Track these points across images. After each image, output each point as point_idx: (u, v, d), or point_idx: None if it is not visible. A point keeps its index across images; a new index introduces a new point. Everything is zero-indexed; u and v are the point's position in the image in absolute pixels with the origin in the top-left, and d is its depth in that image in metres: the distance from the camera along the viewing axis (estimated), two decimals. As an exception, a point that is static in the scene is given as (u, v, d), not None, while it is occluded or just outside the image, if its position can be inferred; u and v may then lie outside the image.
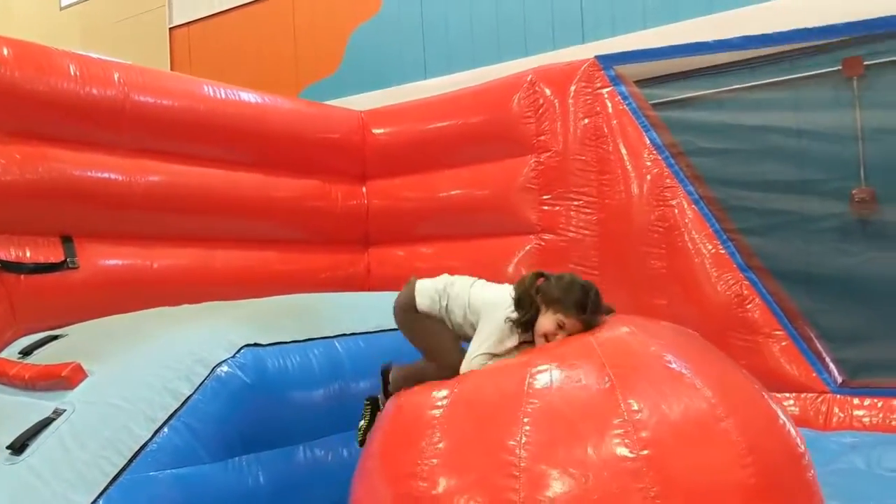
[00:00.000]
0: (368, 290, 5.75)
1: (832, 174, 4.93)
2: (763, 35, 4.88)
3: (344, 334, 3.48)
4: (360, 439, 2.84)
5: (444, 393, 2.39)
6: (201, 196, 4.94)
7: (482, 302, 2.64)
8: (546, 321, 2.53)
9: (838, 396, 4.36)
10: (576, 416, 2.15)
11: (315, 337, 3.33)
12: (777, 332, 4.52)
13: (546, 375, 2.27)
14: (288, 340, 3.20)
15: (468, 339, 2.68)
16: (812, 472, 2.34)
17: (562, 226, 5.17)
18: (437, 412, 2.32)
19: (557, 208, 5.20)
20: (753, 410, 2.30)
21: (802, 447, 2.34)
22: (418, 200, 5.84)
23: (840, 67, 5.03)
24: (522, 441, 2.11)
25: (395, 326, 3.65)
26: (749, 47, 4.96)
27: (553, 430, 2.12)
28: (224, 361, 2.92)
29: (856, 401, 4.31)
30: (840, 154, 4.93)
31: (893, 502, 3.11)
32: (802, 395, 4.45)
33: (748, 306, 4.60)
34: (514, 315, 2.55)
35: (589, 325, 2.54)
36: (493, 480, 2.08)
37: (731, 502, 2.02)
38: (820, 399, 4.39)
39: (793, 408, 4.46)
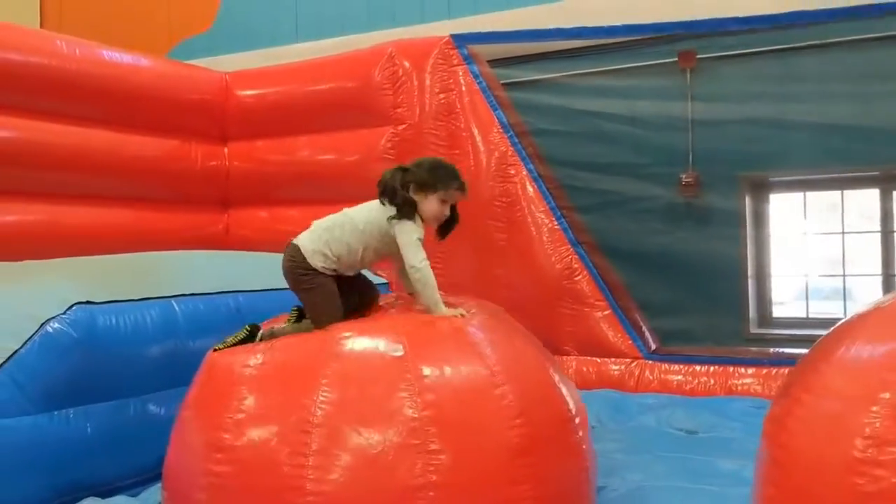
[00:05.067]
0: (226, 250, 5.85)
1: (662, 158, 5.39)
2: (605, 27, 5.24)
3: (182, 294, 3.61)
4: (217, 347, 2.80)
5: (258, 356, 2.59)
6: (52, 152, 4.91)
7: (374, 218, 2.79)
8: (429, 203, 2.77)
9: (649, 362, 4.83)
10: (369, 379, 2.41)
11: (151, 297, 3.46)
12: (600, 302, 4.96)
13: (348, 343, 2.52)
14: (123, 299, 3.32)
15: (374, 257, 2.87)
16: (580, 433, 2.68)
17: (414, 196, 5.41)
18: (248, 371, 2.54)
19: (411, 179, 5.43)
20: (531, 378, 2.62)
21: (573, 411, 2.68)
22: (280, 164, 5.93)
23: (676, 59, 5.47)
24: (319, 400, 2.36)
25: (235, 289, 3.87)
26: (591, 37, 5.31)
27: (347, 390, 2.38)
28: (54, 318, 3.03)
29: (665, 366, 4.79)
30: (671, 140, 5.39)
31: (667, 455, 3.54)
32: (620, 360, 4.91)
33: (577, 278, 5.01)
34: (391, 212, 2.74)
35: (462, 191, 2.82)
36: (290, 435, 2.33)
37: (499, 458, 2.34)
38: (634, 364, 4.86)
39: (614, 371, 4.93)
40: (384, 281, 4.33)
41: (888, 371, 1.93)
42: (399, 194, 2.74)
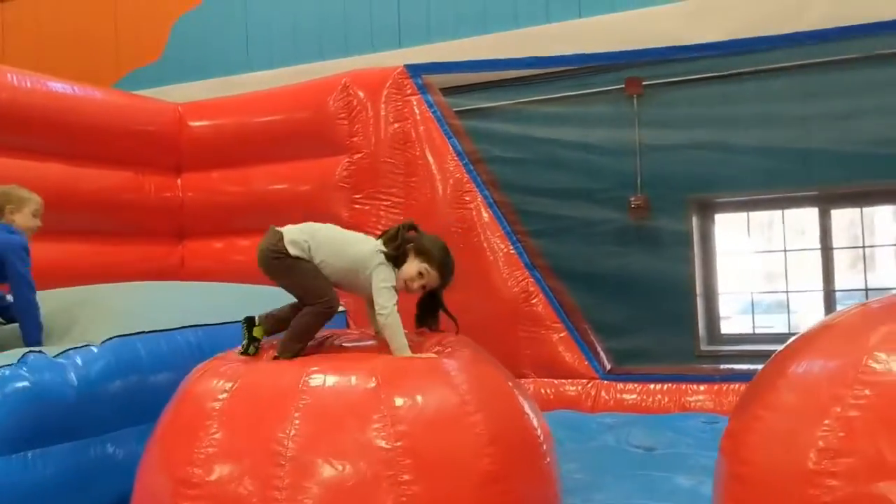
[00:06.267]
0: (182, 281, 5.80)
1: (612, 183, 5.54)
2: (555, 56, 5.38)
3: (143, 332, 3.57)
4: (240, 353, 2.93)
5: (226, 386, 2.59)
6: (2, 187, 4.83)
7: (364, 254, 2.89)
8: (411, 266, 2.87)
9: (605, 382, 4.94)
10: (342, 412, 2.43)
11: (112, 336, 3.40)
12: (556, 325, 5.06)
13: (320, 377, 2.53)
14: (80, 345, 3.27)
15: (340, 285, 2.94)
16: (549, 459, 2.74)
17: (372, 224, 5.44)
18: (216, 404, 2.53)
19: (368, 207, 5.50)
20: (501, 406, 2.67)
21: (542, 438, 2.74)
22: (235, 194, 5.93)
23: (623, 86, 5.64)
24: (291, 434, 2.37)
25: (194, 322, 3.84)
26: (542, 66, 5.45)
27: (320, 424, 2.40)
28: (9, 365, 2.96)
29: (620, 385, 4.90)
30: (620, 165, 5.55)
31: (628, 473, 3.63)
32: (576, 381, 5.00)
33: (533, 301, 5.11)
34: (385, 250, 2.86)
35: (444, 282, 2.95)
36: (262, 469, 2.33)
37: (471, 486, 2.38)
38: (590, 384, 4.96)
39: (570, 392, 5.01)
40: (342, 309, 4.35)
41: (839, 386, 2.03)
42: (400, 243, 2.86)
